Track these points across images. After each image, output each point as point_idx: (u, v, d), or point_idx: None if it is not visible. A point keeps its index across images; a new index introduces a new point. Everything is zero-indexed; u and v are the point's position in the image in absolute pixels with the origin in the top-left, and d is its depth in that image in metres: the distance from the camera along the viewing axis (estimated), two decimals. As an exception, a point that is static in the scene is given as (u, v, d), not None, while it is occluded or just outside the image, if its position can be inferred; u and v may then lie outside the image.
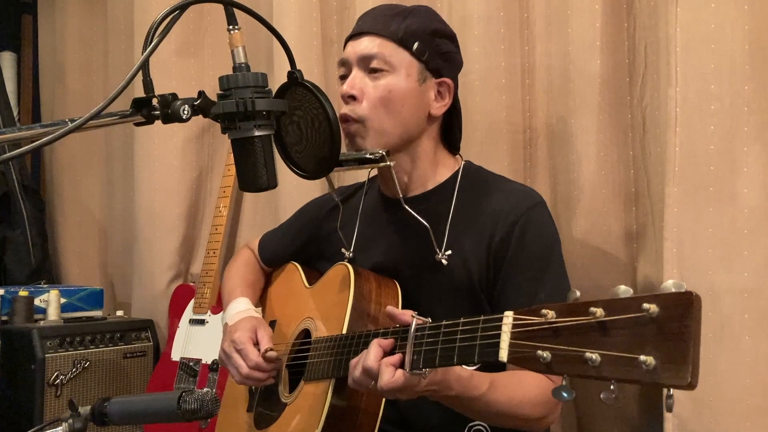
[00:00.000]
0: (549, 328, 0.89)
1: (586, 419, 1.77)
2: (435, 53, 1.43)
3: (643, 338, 0.79)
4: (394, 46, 1.41)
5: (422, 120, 1.45)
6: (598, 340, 0.84)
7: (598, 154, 1.71)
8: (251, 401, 1.62)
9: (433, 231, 1.41)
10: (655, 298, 0.79)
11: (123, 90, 0.92)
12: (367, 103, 1.41)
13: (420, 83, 1.43)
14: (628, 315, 0.81)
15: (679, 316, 0.77)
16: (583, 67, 1.72)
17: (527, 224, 1.39)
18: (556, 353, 0.87)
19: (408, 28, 1.41)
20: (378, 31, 1.42)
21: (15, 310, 2.43)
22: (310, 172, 1.22)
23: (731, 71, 1.42)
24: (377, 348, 1.16)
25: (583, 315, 0.85)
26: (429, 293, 1.42)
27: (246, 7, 1.08)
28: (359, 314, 1.38)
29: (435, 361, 1.09)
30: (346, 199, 1.65)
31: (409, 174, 1.49)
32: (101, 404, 1.15)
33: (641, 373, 0.79)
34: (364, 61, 1.42)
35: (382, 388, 1.13)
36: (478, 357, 1.02)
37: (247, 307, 1.63)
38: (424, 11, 1.49)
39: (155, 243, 2.63)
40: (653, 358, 0.78)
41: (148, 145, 2.61)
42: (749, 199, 1.42)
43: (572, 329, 0.86)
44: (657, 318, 0.78)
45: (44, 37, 3.20)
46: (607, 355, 0.82)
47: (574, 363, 0.85)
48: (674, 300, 0.78)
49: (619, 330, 0.82)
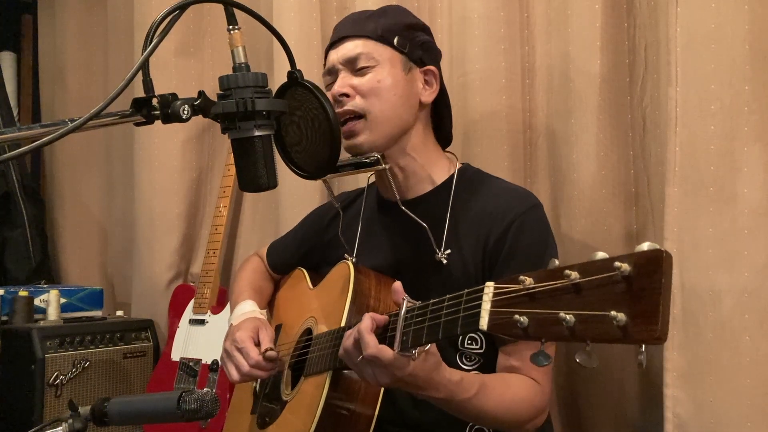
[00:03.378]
0: (526, 294, 0.91)
1: (587, 419, 1.77)
2: (414, 44, 1.49)
3: (615, 296, 0.81)
4: (375, 44, 1.47)
5: (414, 108, 1.49)
6: (572, 301, 0.86)
7: (598, 154, 1.71)
8: (255, 404, 1.64)
9: (431, 231, 1.43)
10: (627, 257, 0.81)
11: (123, 90, 0.92)
12: (360, 97, 1.45)
13: (406, 73, 1.48)
14: (602, 275, 0.83)
15: (649, 272, 0.79)
16: (583, 67, 1.72)
17: (523, 225, 1.40)
18: (532, 317, 0.90)
19: (385, 25, 1.48)
20: (357, 33, 1.48)
21: (15, 310, 2.43)
22: (310, 172, 1.22)
23: (731, 71, 1.42)
24: (369, 319, 1.18)
25: (560, 279, 0.87)
26: (430, 293, 1.42)
27: (246, 7, 1.08)
28: (358, 309, 1.39)
29: (422, 339, 1.11)
30: (348, 205, 1.68)
31: (405, 174, 1.51)
32: (101, 404, 1.15)
33: (613, 329, 0.80)
34: (349, 63, 1.47)
35: (366, 356, 1.14)
36: (461, 328, 1.04)
37: (253, 309, 1.65)
38: (396, 9, 1.58)
39: (155, 243, 2.63)
40: (624, 314, 0.80)
41: (148, 145, 2.61)
42: (749, 199, 1.42)
43: (548, 293, 0.88)
44: (628, 276, 0.81)
45: (44, 37, 3.20)
46: (580, 314, 0.84)
47: (550, 325, 0.87)
48: (645, 258, 0.80)
49: (593, 290, 0.84)
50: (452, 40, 1.93)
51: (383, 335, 1.18)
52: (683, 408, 1.46)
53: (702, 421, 1.44)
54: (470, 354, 1.42)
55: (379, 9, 1.56)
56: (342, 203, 1.67)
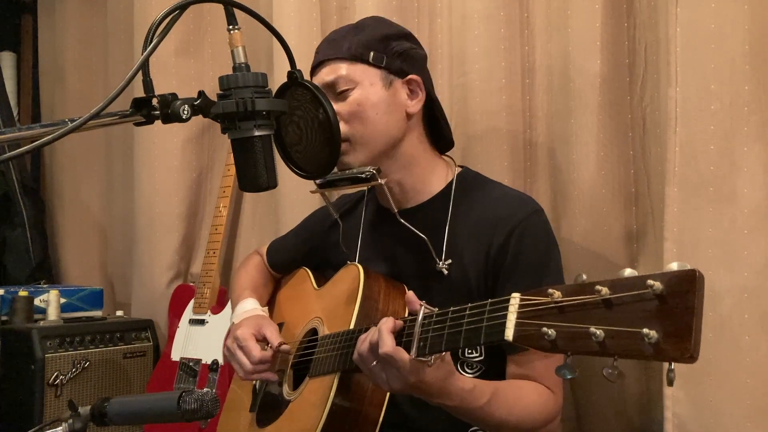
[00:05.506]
0: (555, 307, 0.91)
1: (586, 419, 1.77)
2: (392, 56, 1.46)
3: (647, 313, 0.82)
4: (350, 64, 1.45)
5: (401, 121, 1.47)
6: (602, 316, 0.86)
7: (598, 154, 1.71)
8: (254, 401, 1.63)
9: (431, 241, 1.43)
10: (660, 276, 0.82)
11: (123, 90, 0.92)
12: (344, 123, 1.43)
13: (387, 88, 1.45)
14: (633, 292, 0.83)
15: (683, 292, 0.80)
16: (583, 67, 1.72)
17: (525, 232, 1.40)
18: (560, 330, 0.89)
19: (359, 42, 1.45)
20: (332, 56, 1.47)
21: (15, 310, 2.43)
22: (310, 172, 1.22)
23: (731, 71, 1.42)
24: (391, 321, 1.18)
25: (589, 294, 0.87)
26: (432, 302, 1.42)
27: (246, 7, 1.08)
28: (366, 313, 1.39)
29: (441, 346, 1.11)
30: (348, 211, 1.67)
31: (402, 186, 1.51)
32: (101, 404, 1.15)
33: (644, 346, 0.81)
34: (329, 88, 1.45)
35: (381, 355, 1.14)
36: (485, 338, 1.04)
37: (254, 307, 1.65)
38: (371, 21, 1.54)
39: (155, 243, 2.63)
40: (656, 332, 0.80)
41: (148, 145, 2.61)
42: (749, 199, 1.42)
43: (577, 307, 0.88)
44: (661, 294, 0.81)
45: (44, 37, 3.20)
46: (611, 330, 0.84)
47: (579, 339, 0.87)
48: (678, 277, 0.81)
49: (624, 306, 0.84)
50: (452, 40, 1.93)
51: (398, 339, 1.17)
52: (683, 408, 1.46)
53: (702, 421, 1.44)
54: (471, 362, 1.42)
55: (356, 24, 1.53)
56: (342, 209, 1.66)
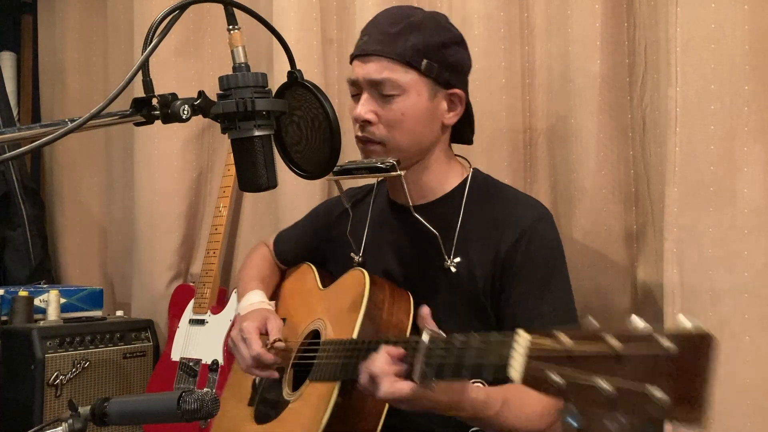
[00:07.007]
0: (565, 355, 0.89)
1: (586, 419, 1.77)
2: (443, 67, 1.42)
3: (658, 374, 0.80)
4: (401, 68, 1.41)
5: (437, 131, 1.47)
6: (611, 369, 0.84)
7: (598, 154, 1.71)
8: (253, 395, 1.63)
9: (441, 238, 1.43)
10: (674, 337, 0.80)
11: (123, 90, 0.92)
12: (384, 126, 1.43)
13: (431, 100, 1.43)
14: (646, 352, 0.81)
15: (697, 357, 0.78)
16: (583, 67, 1.72)
17: (533, 236, 1.40)
18: (570, 380, 0.87)
19: (414, 46, 1.40)
20: (385, 53, 1.41)
21: (15, 310, 2.42)
22: (310, 172, 1.22)
23: (731, 71, 1.42)
24: (385, 355, 1.17)
25: (600, 345, 0.85)
26: (437, 299, 1.42)
27: (246, 7, 1.08)
28: (370, 321, 1.39)
29: (445, 375, 1.10)
30: (356, 203, 1.66)
31: (419, 183, 1.51)
32: (101, 404, 1.15)
33: (653, 407, 0.79)
34: (374, 87, 1.42)
35: (380, 398, 1.16)
36: (492, 375, 1.02)
37: (261, 300, 1.65)
38: (429, 23, 1.46)
39: (155, 243, 2.63)
40: (666, 395, 0.79)
41: (148, 145, 2.61)
42: (749, 199, 1.42)
43: (588, 359, 0.86)
44: (674, 356, 0.79)
45: (44, 37, 3.20)
46: (621, 388, 0.82)
47: (587, 391, 0.85)
48: (694, 341, 0.79)
49: (635, 364, 0.82)
50: (452, 40, 1.93)
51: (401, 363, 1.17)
52: (683, 408, 1.46)
53: (702, 421, 1.44)
54: None
55: (412, 21, 1.44)
56: (351, 201, 1.64)
